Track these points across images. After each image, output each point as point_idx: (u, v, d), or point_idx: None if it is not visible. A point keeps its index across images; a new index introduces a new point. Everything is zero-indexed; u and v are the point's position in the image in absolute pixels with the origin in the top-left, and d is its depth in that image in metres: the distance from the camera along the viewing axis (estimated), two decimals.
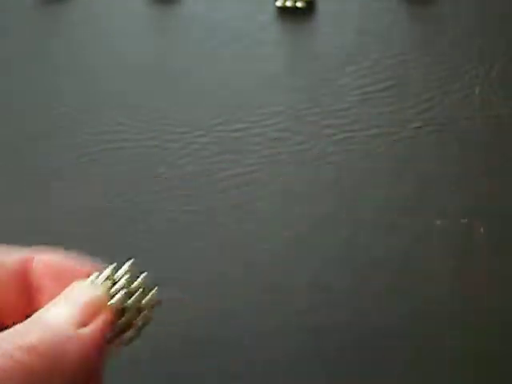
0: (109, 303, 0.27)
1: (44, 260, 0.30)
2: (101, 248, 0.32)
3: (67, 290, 0.28)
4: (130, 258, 0.29)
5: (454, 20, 0.54)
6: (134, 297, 0.28)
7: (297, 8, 0.56)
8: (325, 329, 0.42)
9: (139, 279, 0.29)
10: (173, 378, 0.42)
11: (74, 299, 0.27)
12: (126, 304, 0.28)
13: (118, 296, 0.27)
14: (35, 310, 0.27)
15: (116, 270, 0.28)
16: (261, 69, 0.53)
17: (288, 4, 0.55)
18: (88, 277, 0.28)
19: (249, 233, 0.45)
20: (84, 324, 0.26)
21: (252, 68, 0.53)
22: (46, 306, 0.27)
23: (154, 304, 0.29)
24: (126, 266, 0.29)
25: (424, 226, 0.45)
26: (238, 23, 0.55)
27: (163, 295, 0.29)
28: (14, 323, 0.26)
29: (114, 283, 0.28)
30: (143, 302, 0.28)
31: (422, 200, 0.46)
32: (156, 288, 0.29)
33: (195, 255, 0.45)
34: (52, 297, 0.28)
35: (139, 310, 0.28)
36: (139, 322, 0.28)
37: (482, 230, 0.45)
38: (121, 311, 0.28)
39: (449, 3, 0.55)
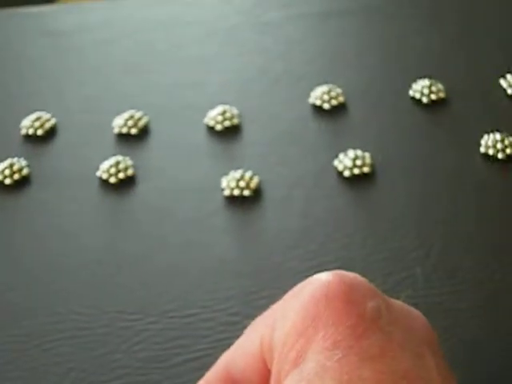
0: None
1: None
2: None
3: None
4: None
5: (394, 202, 0.57)
6: None
7: (243, 196, 0.58)
8: None
9: None
10: None
11: None
12: None
13: None
14: None
15: None
16: (209, 254, 0.55)
17: (235, 193, 0.58)
18: None
19: None
20: None
21: (202, 254, 0.55)
22: None
23: None
24: None
25: None
26: (187, 211, 0.58)
27: None
28: None
29: None
30: None
31: None
32: None
33: None
34: None
35: None
36: None
37: None
38: None
39: (388, 184, 0.58)
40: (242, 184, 0.58)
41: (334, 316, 0.30)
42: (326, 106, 0.65)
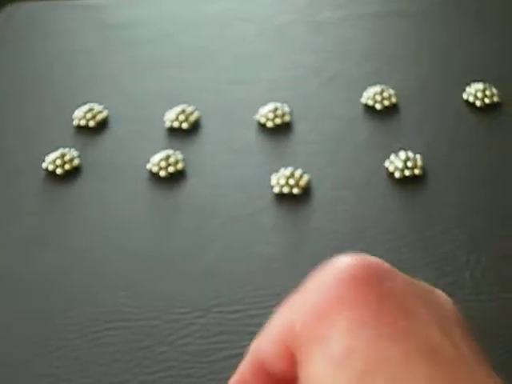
0: None
1: None
2: None
3: None
4: None
5: (445, 204, 0.57)
6: None
7: (293, 195, 0.58)
8: None
9: None
10: None
11: None
12: None
13: None
14: None
15: None
16: (258, 252, 0.54)
17: (285, 190, 0.58)
18: None
19: None
20: None
21: (250, 251, 0.55)
22: None
23: None
24: None
25: None
26: (236, 207, 0.58)
27: None
28: None
29: None
30: None
31: None
32: None
33: None
34: None
35: None
36: None
37: None
38: None
39: (439, 187, 0.58)
40: (292, 182, 0.58)
41: (358, 297, 0.30)
42: (379, 106, 0.65)
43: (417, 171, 0.59)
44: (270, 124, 0.64)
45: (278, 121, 0.64)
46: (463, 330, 0.30)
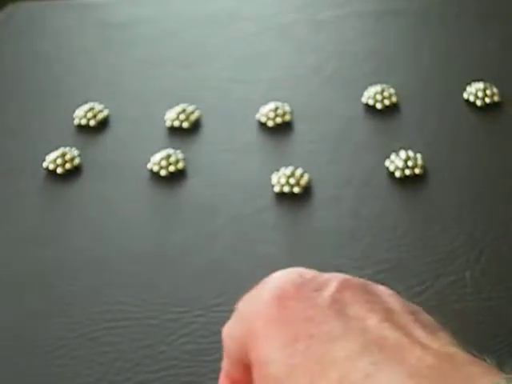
0: None
1: None
2: None
3: None
4: None
5: (445, 204, 0.57)
6: None
7: (293, 193, 0.58)
8: None
9: None
10: None
11: None
12: None
13: None
14: None
15: None
16: (259, 251, 0.55)
17: (285, 190, 0.58)
18: None
19: None
20: None
21: (251, 250, 0.55)
22: None
23: None
24: None
25: None
26: (237, 206, 0.58)
27: None
28: None
29: None
30: None
31: None
32: None
33: None
34: None
35: None
36: None
37: None
38: None
39: (440, 186, 0.58)
40: (292, 181, 0.58)
41: (289, 314, 0.30)
42: (379, 105, 0.65)
43: (417, 170, 0.59)
44: (270, 123, 0.64)
45: (278, 120, 0.64)
46: (406, 310, 0.30)
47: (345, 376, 0.27)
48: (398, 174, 0.59)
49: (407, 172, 0.59)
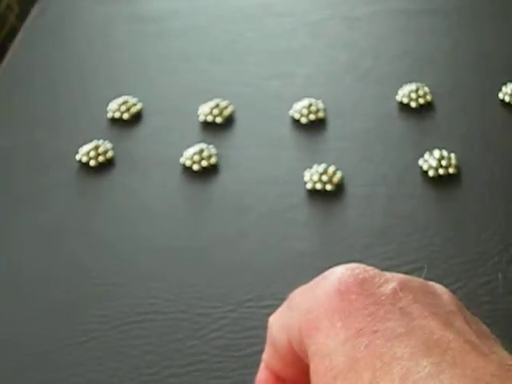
0: None
1: None
2: None
3: None
4: None
5: (479, 204, 0.56)
6: None
7: (326, 191, 0.58)
8: None
9: None
10: None
11: None
12: None
13: None
14: None
15: None
16: (290, 247, 0.54)
17: (318, 187, 0.58)
18: None
19: None
20: None
21: (282, 246, 0.55)
22: None
23: None
24: None
25: None
26: (269, 202, 0.58)
27: None
28: None
29: None
30: None
31: None
32: None
33: None
34: None
35: None
36: None
37: None
38: None
39: (473, 186, 0.58)
40: (325, 178, 0.58)
41: (350, 308, 0.30)
42: (414, 104, 0.65)
43: (451, 170, 0.58)
44: (304, 120, 0.64)
45: (312, 117, 0.64)
46: (465, 317, 0.30)
47: (408, 373, 0.27)
48: (431, 173, 0.58)
49: (441, 171, 0.58)
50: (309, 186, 0.58)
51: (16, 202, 0.59)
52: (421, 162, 0.59)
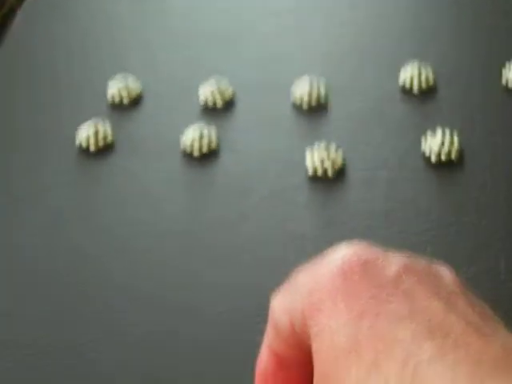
0: None
1: None
2: None
3: None
4: None
5: (481, 189, 0.56)
6: None
7: (327, 174, 0.58)
8: None
9: None
10: None
11: None
12: None
13: None
14: None
15: None
16: (291, 230, 0.54)
17: (319, 170, 0.57)
18: None
19: None
20: None
21: (283, 229, 0.54)
22: None
23: None
24: None
25: None
26: (270, 184, 0.57)
27: None
28: None
29: None
30: None
31: None
32: None
33: None
34: None
35: None
36: None
37: None
38: None
39: (475, 171, 0.57)
40: (326, 161, 0.58)
41: (353, 288, 0.30)
42: (416, 86, 0.64)
43: (453, 154, 0.58)
44: (305, 100, 0.63)
45: (313, 97, 0.63)
46: (469, 298, 0.30)
47: (410, 356, 0.27)
48: (433, 157, 0.58)
49: (443, 155, 0.58)
50: (310, 168, 0.58)
51: (17, 187, 0.59)
52: (423, 145, 0.59)
